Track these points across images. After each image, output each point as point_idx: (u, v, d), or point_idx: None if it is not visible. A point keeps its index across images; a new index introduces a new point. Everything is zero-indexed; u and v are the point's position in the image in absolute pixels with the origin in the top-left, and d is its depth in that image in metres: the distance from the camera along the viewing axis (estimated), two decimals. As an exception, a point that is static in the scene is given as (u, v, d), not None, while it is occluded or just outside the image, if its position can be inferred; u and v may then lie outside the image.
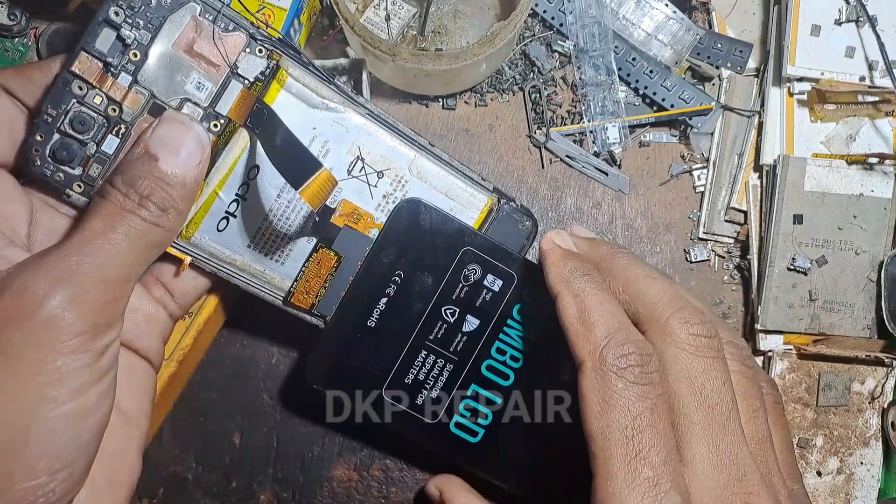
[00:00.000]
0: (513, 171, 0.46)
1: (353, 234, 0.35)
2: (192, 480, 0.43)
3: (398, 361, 0.36)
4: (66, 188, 0.32)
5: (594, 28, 0.44)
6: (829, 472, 0.43)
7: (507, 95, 0.46)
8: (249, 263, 0.35)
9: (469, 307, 0.36)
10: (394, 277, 0.35)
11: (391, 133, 0.35)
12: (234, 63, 0.32)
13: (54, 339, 0.26)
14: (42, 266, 0.27)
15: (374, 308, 0.35)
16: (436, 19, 0.45)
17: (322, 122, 0.34)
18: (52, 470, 0.26)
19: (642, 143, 0.46)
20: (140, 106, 0.32)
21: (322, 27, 0.45)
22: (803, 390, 0.43)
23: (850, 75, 0.43)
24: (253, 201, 0.34)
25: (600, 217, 0.46)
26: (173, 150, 0.30)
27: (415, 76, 0.42)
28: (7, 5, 0.42)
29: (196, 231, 0.34)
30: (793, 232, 0.43)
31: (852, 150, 0.44)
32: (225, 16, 0.32)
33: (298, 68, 0.33)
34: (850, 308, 0.43)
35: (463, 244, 0.35)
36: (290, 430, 0.43)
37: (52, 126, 0.31)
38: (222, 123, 0.33)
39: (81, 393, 0.26)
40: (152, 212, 0.29)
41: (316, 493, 0.43)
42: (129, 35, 0.31)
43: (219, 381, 0.44)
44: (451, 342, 0.36)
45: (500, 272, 0.36)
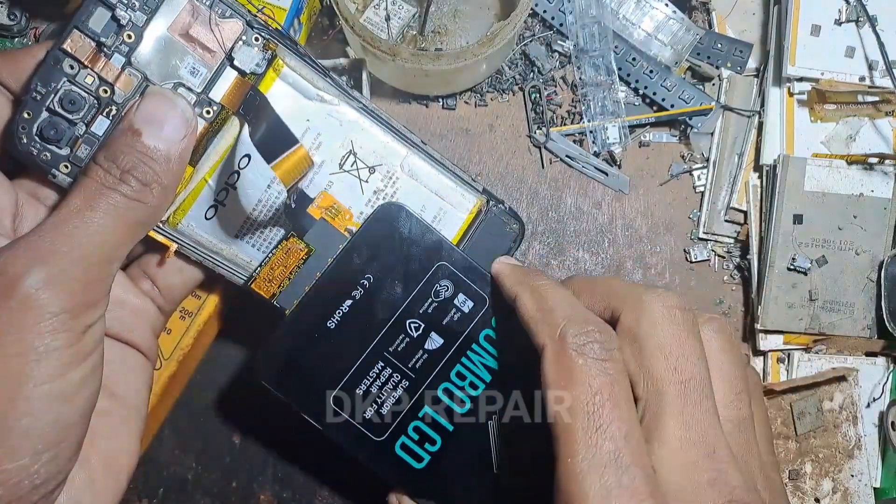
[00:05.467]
0: (513, 171, 0.46)
1: (328, 229, 0.34)
2: (192, 480, 0.43)
3: (353, 368, 0.34)
4: (52, 168, 0.31)
5: (594, 28, 0.44)
6: (825, 495, 0.43)
7: (507, 95, 0.46)
8: (236, 253, 0.34)
9: (435, 324, 0.34)
10: (362, 280, 0.34)
11: (384, 129, 0.35)
12: (229, 50, 0.32)
13: (32, 319, 0.25)
14: (19, 247, 0.27)
15: (336, 309, 0.34)
16: (436, 19, 0.45)
17: (316, 114, 0.34)
18: (36, 451, 0.26)
19: (642, 143, 0.46)
20: (133, 88, 0.31)
21: (322, 27, 0.45)
22: (780, 424, 0.43)
23: (850, 75, 0.43)
24: (243, 190, 0.34)
25: (600, 217, 0.46)
26: (157, 125, 0.29)
27: (415, 76, 0.42)
28: (7, 5, 0.42)
29: (183, 218, 0.33)
30: (793, 232, 0.43)
31: (852, 150, 0.44)
32: (222, 2, 0.31)
33: (295, 59, 0.33)
34: (850, 308, 0.43)
35: (439, 258, 0.34)
36: (290, 430, 0.43)
37: (40, 104, 0.30)
38: (215, 110, 0.32)
39: (63, 373, 0.26)
40: (133, 187, 0.28)
41: (316, 493, 0.43)
42: (125, 16, 0.30)
43: (219, 381, 0.44)
44: (411, 358, 0.34)
45: (472, 293, 0.34)
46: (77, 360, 0.27)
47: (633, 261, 0.46)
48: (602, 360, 0.27)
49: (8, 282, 0.25)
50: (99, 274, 0.28)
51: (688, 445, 0.26)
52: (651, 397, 0.28)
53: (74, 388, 0.27)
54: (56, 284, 0.26)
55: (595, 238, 0.46)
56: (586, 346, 0.27)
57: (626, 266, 0.46)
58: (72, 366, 0.26)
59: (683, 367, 0.28)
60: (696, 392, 0.27)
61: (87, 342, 0.27)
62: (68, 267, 0.27)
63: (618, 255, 0.46)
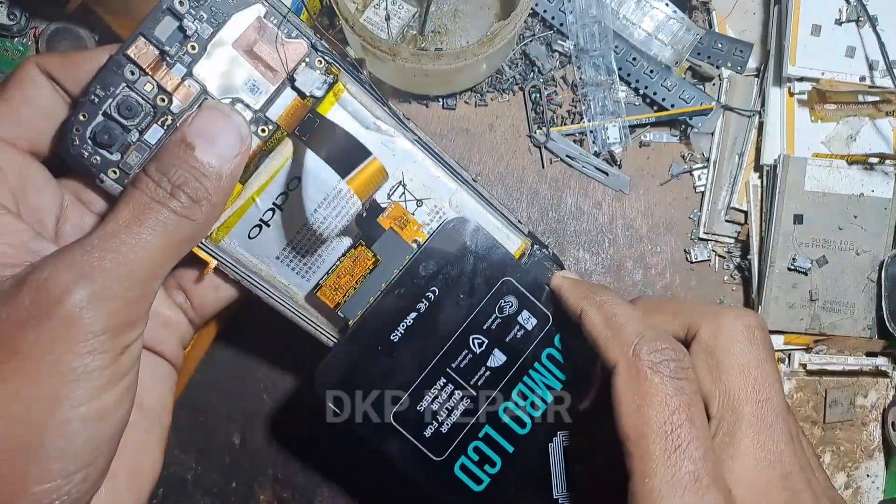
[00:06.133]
0: (513, 171, 0.46)
1: (396, 240, 0.34)
2: (192, 480, 0.43)
3: (415, 384, 0.33)
4: (101, 172, 0.30)
5: (594, 28, 0.44)
6: (837, 487, 0.43)
7: (507, 95, 0.46)
8: (275, 275, 0.34)
9: (498, 341, 0.34)
10: (427, 293, 0.33)
11: (436, 163, 0.34)
12: (292, 70, 0.31)
13: (73, 339, 0.25)
14: (64, 260, 0.26)
15: (401, 321, 0.33)
16: (436, 19, 0.45)
17: (370, 142, 0.33)
18: (67, 472, 0.25)
19: (642, 143, 0.46)
20: (191, 99, 0.31)
21: (322, 27, 0.45)
22: (811, 408, 0.44)
23: (851, 75, 0.43)
24: (289, 213, 0.33)
25: (600, 217, 0.46)
26: (211, 140, 0.29)
27: (415, 76, 0.42)
28: (7, 5, 0.42)
29: (226, 235, 0.33)
30: (793, 232, 0.43)
31: (852, 150, 0.44)
32: (290, 22, 0.31)
33: (356, 85, 0.33)
34: (850, 308, 0.43)
35: (504, 273, 0.34)
36: (290, 430, 0.43)
37: (97, 107, 0.30)
38: (270, 129, 0.32)
39: (99, 394, 0.26)
40: (183, 202, 0.28)
41: (316, 493, 0.43)
42: (191, 27, 0.30)
43: (219, 382, 0.44)
44: (474, 375, 0.33)
45: (536, 311, 0.34)
46: (114, 380, 0.26)
47: (633, 261, 0.46)
48: (678, 379, 0.27)
49: (52, 299, 0.25)
50: (142, 292, 0.27)
51: (763, 466, 0.26)
52: (726, 415, 0.28)
53: (110, 408, 0.26)
54: (100, 303, 0.25)
55: (595, 238, 0.46)
56: (662, 363, 0.27)
57: (627, 266, 0.46)
58: (108, 386, 0.26)
59: (762, 387, 0.28)
60: (772, 413, 0.27)
61: (125, 362, 0.27)
62: (113, 285, 0.26)
63: (618, 255, 0.46)
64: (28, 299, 0.25)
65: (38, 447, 0.25)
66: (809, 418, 0.44)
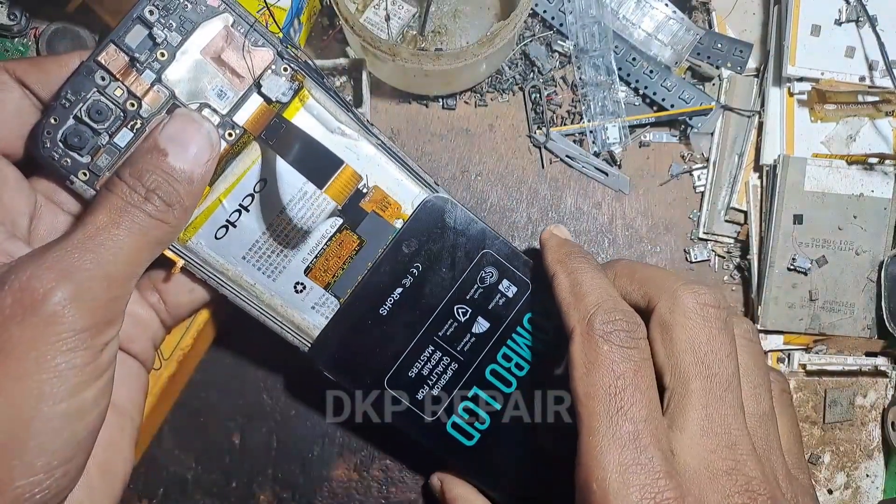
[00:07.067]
0: (513, 171, 0.46)
1: (379, 221, 0.35)
2: (192, 480, 0.43)
3: (405, 353, 0.36)
4: (71, 174, 0.31)
5: (594, 28, 0.44)
6: (837, 487, 0.43)
7: (507, 95, 0.46)
8: (241, 275, 0.35)
9: (481, 309, 0.36)
10: (412, 269, 0.36)
11: (400, 167, 0.35)
12: (258, 77, 0.33)
13: (55, 337, 0.26)
14: (45, 261, 0.26)
15: (388, 296, 0.36)
16: (436, 19, 0.45)
17: (335, 146, 0.34)
18: (50, 467, 0.26)
19: (642, 143, 0.46)
20: (159, 104, 0.32)
21: (322, 27, 0.45)
22: (811, 409, 0.44)
23: (850, 75, 0.43)
24: (255, 214, 0.34)
25: (600, 217, 0.46)
26: (183, 146, 0.30)
27: (415, 76, 0.42)
28: (7, 5, 0.42)
29: (194, 235, 0.34)
30: (793, 232, 0.43)
31: (852, 150, 0.44)
32: (256, 30, 0.32)
33: (321, 91, 0.34)
34: (850, 308, 0.43)
35: (483, 246, 0.36)
36: (290, 430, 0.43)
37: (68, 111, 0.31)
38: (237, 133, 0.33)
39: (80, 391, 0.26)
40: (157, 206, 0.29)
41: (316, 493, 0.43)
42: (161, 35, 0.31)
43: (219, 381, 0.44)
44: (459, 341, 0.36)
45: (516, 279, 0.37)
46: (93, 378, 0.27)
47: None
48: (626, 348, 0.29)
49: (35, 297, 0.25)
50: (120, 291, 0.28)
51: (708, 434, 0.27)
52: (677, 387, 0.29)
53: (89, 405, 0.27)
54: (81, 302, 0.26)
55: (595, 238, 0.46)
56: (612, 333, 0.29)
57: (626, 266, 0.46)
58: (88, 384, 0.27)
59: (710, 362, 0.29)
60: (720, 386, 0.28)
61: (104, 360, 0.27)
62: (93, 284, 0.27)
63: (618, 255, 0.46)
64: (10, 298, 0.25)
65: (23, 442, 0.25)
66: (809, 418, 0.44)
